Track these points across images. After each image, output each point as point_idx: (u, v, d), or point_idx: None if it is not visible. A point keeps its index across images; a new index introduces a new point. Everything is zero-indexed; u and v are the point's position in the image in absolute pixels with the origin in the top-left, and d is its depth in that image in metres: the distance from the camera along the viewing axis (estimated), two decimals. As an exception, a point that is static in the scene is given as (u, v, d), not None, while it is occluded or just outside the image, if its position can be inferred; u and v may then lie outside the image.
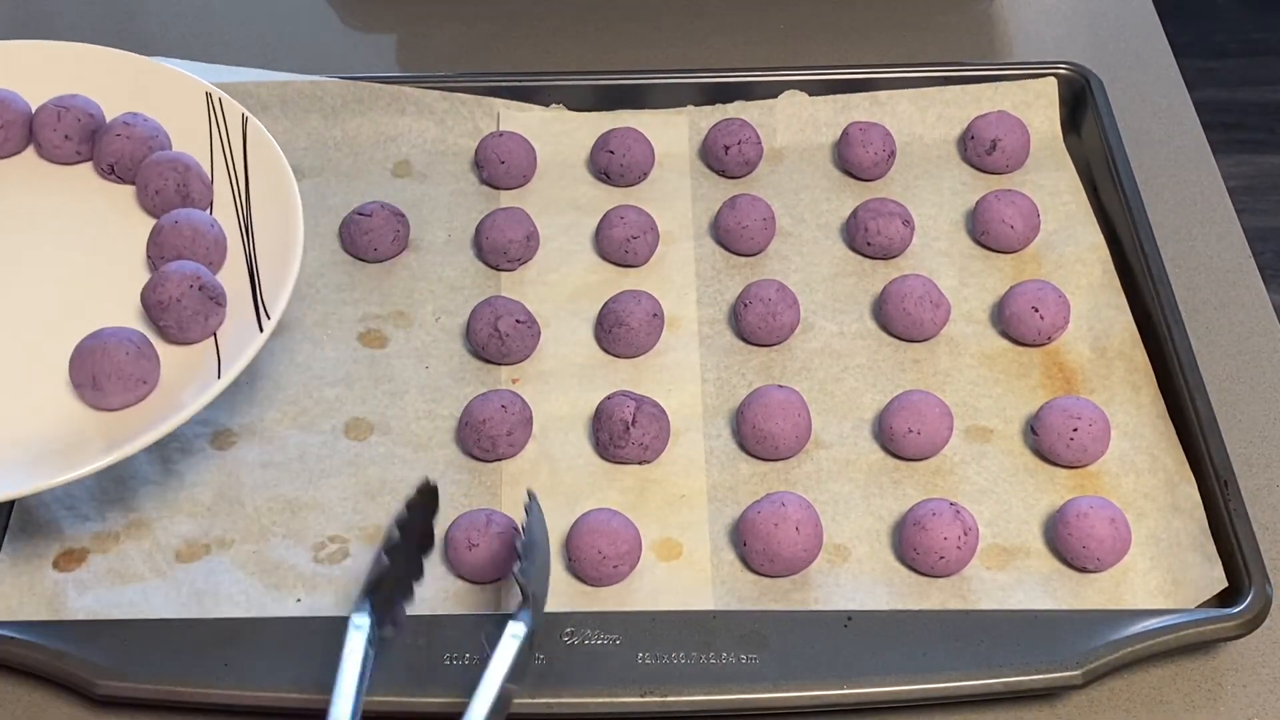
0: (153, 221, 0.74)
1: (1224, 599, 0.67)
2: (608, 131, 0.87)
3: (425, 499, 0.63)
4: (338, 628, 0.65)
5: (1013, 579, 0.69)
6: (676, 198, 0.87)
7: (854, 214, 0.83)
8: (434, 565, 0.68)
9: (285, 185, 0.73)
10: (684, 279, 0.82)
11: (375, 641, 0.59)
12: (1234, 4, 2.29)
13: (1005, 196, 0.83)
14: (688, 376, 0.77)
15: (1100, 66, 0.92)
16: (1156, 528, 0.70)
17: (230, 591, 0.68)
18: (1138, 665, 0.65)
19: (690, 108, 0.90)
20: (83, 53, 0.80)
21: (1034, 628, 0.65)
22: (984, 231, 0.83)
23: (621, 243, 0.82)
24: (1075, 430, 0.72)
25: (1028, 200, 0.83)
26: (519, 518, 0.71)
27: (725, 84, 0.90)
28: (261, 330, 0.68)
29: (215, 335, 0.69)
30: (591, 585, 0.68)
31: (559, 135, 0.89)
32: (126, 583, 0.68)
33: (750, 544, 0.68)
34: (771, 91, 0.90)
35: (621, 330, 0.77)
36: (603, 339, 0.78)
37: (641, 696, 0.63)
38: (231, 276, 0.72)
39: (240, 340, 0.68)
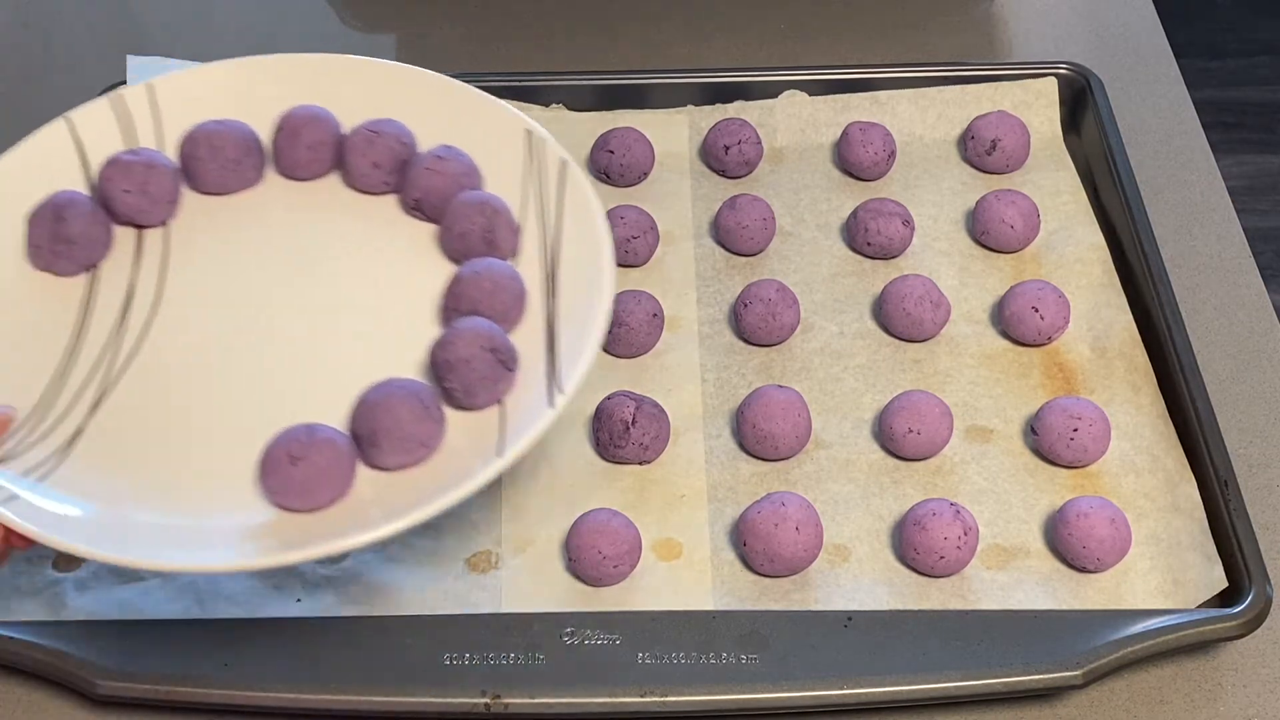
0: (451, 266, 0.67)
1: (1224, 599, 0.67)
2: (608, 131, 0.87)
3: None
4: (338, 628, 0.65)
5: (1013, 579, 0.69)
6: (676, 198, 0.87)
7: (854, 214, 0.83)
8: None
9: (598, 243, 0.65)
10: (684, 279, 0.82)
11: None
12: (1234, 4, 2.29)
13: (1005, 196, 0.83)
14: (688, 376, 0.77)
15: (1100, 66, 0.92)
16: (1157, 528, 0.70)
17: (230, 591, 0.68)
18: (1138, 665, 0.65)
19: (690, 108, 0.90)
20: (401, 74, 0.73)
21: (1034, 628, 0.65)
22: (984, 231, 0.83)
23: (621, 243, 0.82)
24: (1075, 430, 0.72)
25: (1028, 200, 0.83)
26: (518, 519, 0.71)
27: (725, 84, 0.90)
28: (552, 405, 0.60)
29: (502, 402, 0.62)
30: (591, 585, 0.68)
31: (559, 135, 0.88)
32: (126, 583, 0.68)
33: (750, 544, 0.68)
34: (771, 91, 0.90)
35: (621, 330, 0.77)
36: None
37: (641, 696, 0.63)
38: (527, 337, 0.64)
39: (528, 412, 0.61)
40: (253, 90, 0.72)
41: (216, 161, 0.70)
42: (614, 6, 1.02)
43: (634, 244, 0.82)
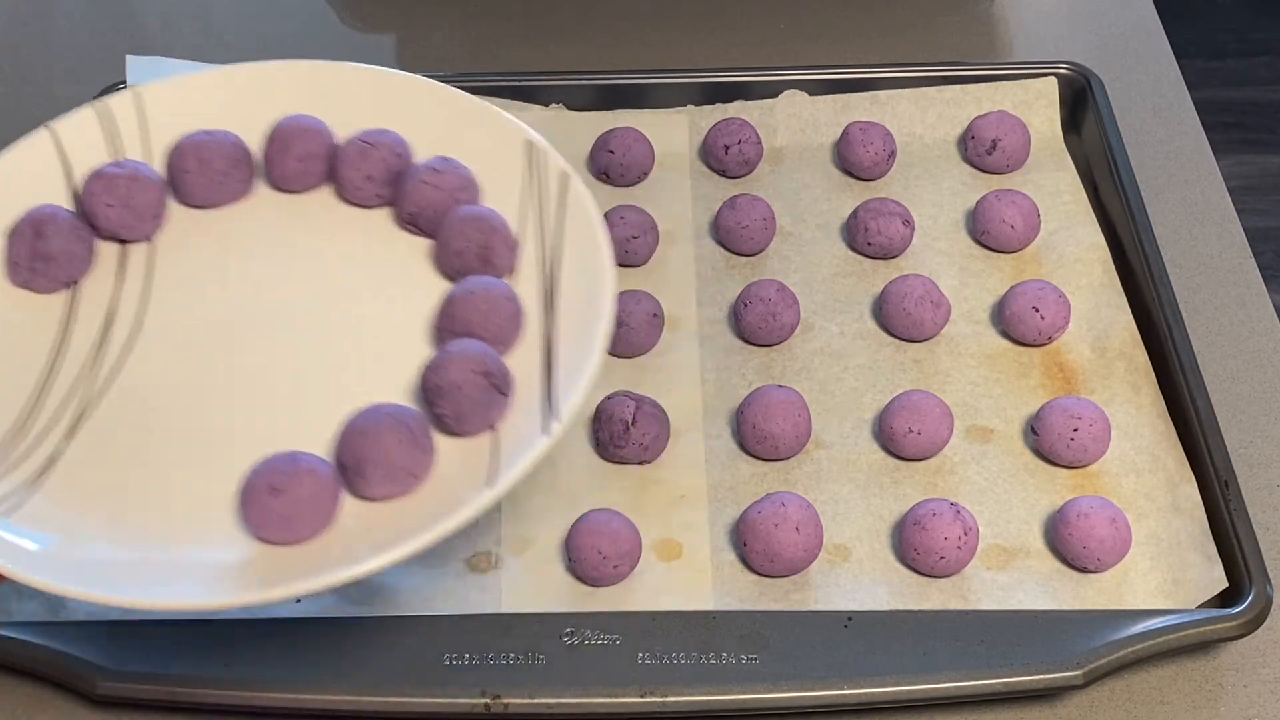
0: (445, 284, 0.65)
1: (1224, 599, 0.67)
2: (608, 131, 0.87)
3: None
4: (338, 628, 0.65)
5: (1013, 579, 0.69)
6: (676, 198, 0.86)
7: (854, 214, 0.83)
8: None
9: (599, 259, 0.62)
10: (684, 279, 0.82)
11: None
12: (1234, 4, 2.29)
13: (1005, 196, 0.83)
14: (688, 376, 0.77)
15: (1100, 66, 0.92)
16: (1157, 528, 0.70)
17: (230, 591, 0.67)
18: (1138, 665, 0.65)
19: (690, 108, 0.90)
20: (398, 82, 0.70)
21: (1034, 628, 0.65)
22: (984, 231, 0.83)
23: (621, 243, 0.82)
24: (1075, 430, 0.72)
25: (1028, 200, 0.83)
26: (518, 519, 0.71)
27: (725, 84, 0.90)
28: (547, 433, 0.57)
29: (495, 428, 0.60)
30: (591, 585, 0.68)
31: (559, 135, 0.88)
32: (126, 583, 0.68)
33: (750, 544, 0.68)
34: (771, 91, 0.90)
35: (621, 330, 0.77)
36: (603, 339, 0.78)
37: (641, 696, 0.63)
38: (523, 359, 0.62)
39: (522, 440, 0.58)
40: (244, 99, 0.70)
41: (204, 174, 0.67)
42: (614, 6, 1.02)
43: (634, 244, 0.82)
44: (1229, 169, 0.94)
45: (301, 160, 0.68)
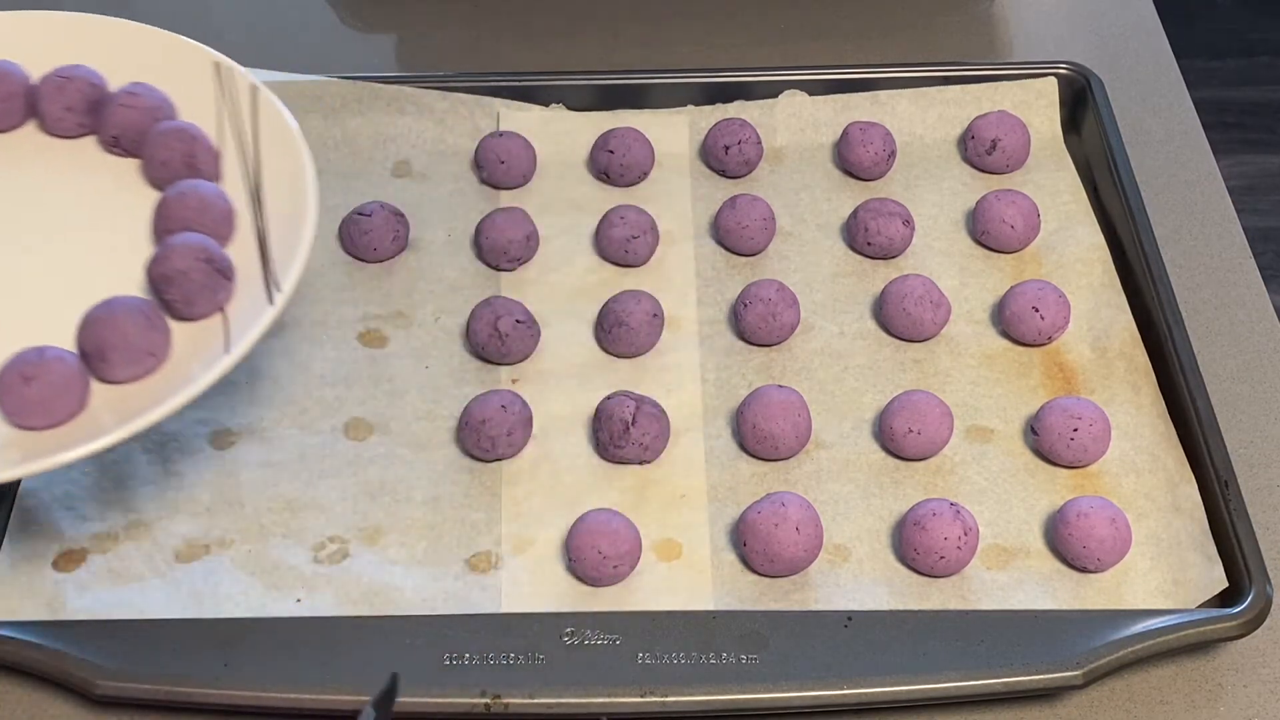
0: (158, 195, 0.71)
1: (1224, 599, 0.67)
2: (608, 131, 0.87)
3: (388, 694, 0.55)
4: (338, 628, 0.65)
5: (1013, 579, 0.69)
6: (676, 198, 0.86)
7: (854, 214, 0.83)
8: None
9: (297, 155, 0.70)
10: (684, 279, 0.82)
11: None
12: (1234, 4, 2.29)
13: (1005, 196, 0.83)
14: (688, 376, 0.77)
15: (1100, 66, 0.92)
16: (1157, 528, 0.70)
17: (230, 591, 0.68)
18: (1138, 665, 0.65)
19: (690, 108, 0.90)
20: (85, 23, 0.76)
21: (1034, 628, 0.65)
22: (984, 231, 0.83)
23: (621, 243, 0.82)
24: (1075, 430, 0.72)
25: (1028, 200, 0.83)
26: (518, 519, 0.71)
27: (725, 84, 0.90)
28: (272, 303, 0.64)
29: (224, 310, 0.66)
30: (591, 585, 0.68)
31: (559, 135, 0.89)
32: (126, 583, 0.68)
33: (750, 544, 0.68)
34: (771, 91, 0.90)
35: (621, 330, 0.77)
36: (603, 339, 0.78)
37: (641, 696, 0.63)
38: (241, 250, 0.68)
39: (250, 314, 0.65)
40: None
41: None
42: (614, 6, 1.02)
43: (634, 244, 0.82)
44: (1229, 169, 0.94)
45: (2, 101, 0.74)
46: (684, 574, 0.69)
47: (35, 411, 0.62)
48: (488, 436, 0.72)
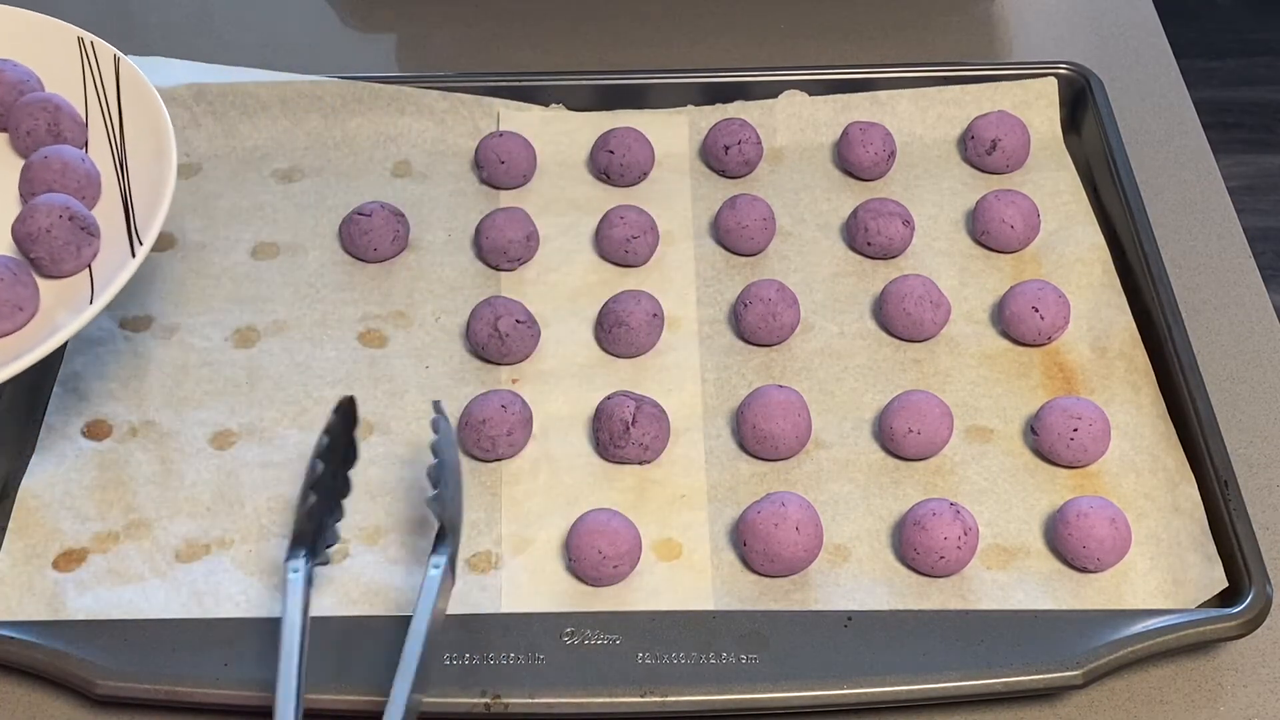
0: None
1: (1224, 599, 0.67)
2: (608, 131, 0.87)
3: (343, 415, 0.65)
4: (338, 628, 0.65)
5: (1013, 579, 0.69)
6: (676, 198, 0.86)
7: (854, 214, 0.83)
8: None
9: (159, 120, 0.73)
10: (684, 279, 0.82)
11: (311, 574, 0.63)
12: (1234, 4, 2.29)
13: (1005, 196, 0.83)
14: (688, 376, 0.77)
15: (1100, 66, 0.92)
16: (1157, 528, 0.70)
17: (230, 591, 0.68)
18: (1138, 665, 0.65)
19: (690, 108, 0.90)
20: None
21: (1034, 628, 0.65)
22: (984, 231, 0.83)
23: (621, 243, 0.82)
24: (1075, 430, 0.72)
25: (1028, 200, 0.83)
26: (518, 519, 0.71)
27: (725, 84, 0.90)
28: (134, 255, 0.68)
29: (90, 267, 0.70)
30: (591, 585, 0.68)
31: (559, 135, 0.89)
32: (126, 583, 0.68)
33: (750, 544, 0.68)
34: (771, 91, 0.90)
35: (621, 330, 0.77)
36: (603, 339, 0.78)
37: (641, 696, 0.63)
38: (107, 210, 0.72)
39: (114, 269, 0.68)
40: None
41: None
42: (614, 6, 1.02)
43: (634, 244, 0.82)
44: (1229, 169, 0.94)
45: None
46: (684, 574, 0.69)
47: None
48: (488, 437, 0.72)
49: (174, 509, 0.71)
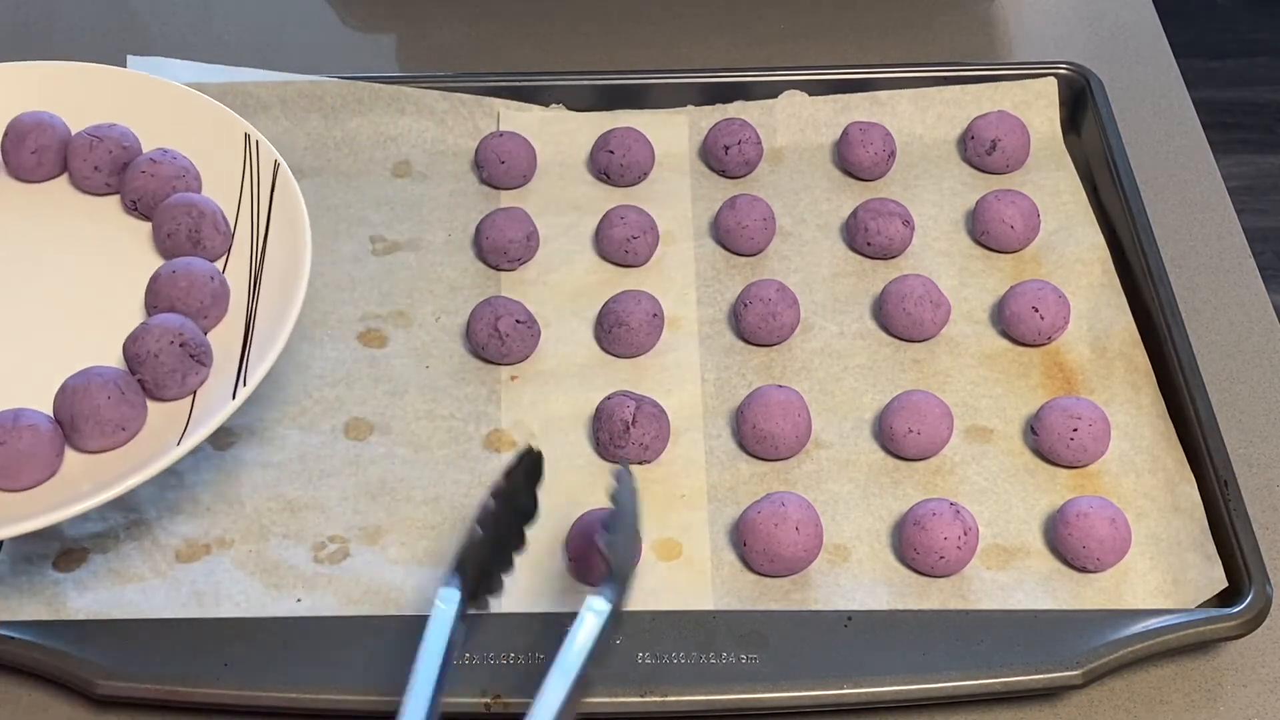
0: (164, 262, 0.72)
1: (1224, 599, 0.67)
2: (608, 131, 0.87)
3: (526, 465, 0.63)
4: (338, 628, 0.65)
5: (1013, 579, 0.69)
6: (676, 198, 0.87)
7: (854, 214, 0.83)
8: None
9: (299, 246, 0.71)
10: (684, 279, 0.82)
11: (465, 617, 0.58)
12: (1234, 4, 2.29)
13: (1005, 196, 0.83)
14: (688, 376, 0.77)
15: (1100, 66, 0.92)
16: (1156, 528, 0.70)
17: (230, 591, 0.68)
18: (1138, 665, 0.65)
19: (690, 108, 0.90)
20: (127, 79, 0.79)
21: (1034, 628, 0.65)
22: (984, 231, 0.83)
23: (621, 243, 0.82)
24: (1075, 430, 0.72)
25: (1028, 200, 0.83)
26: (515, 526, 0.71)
27: (725, 84, 0.90)
28: (234, 397, 0.66)
29: (195, 394, 0.68)
30: (591, 585, 0.68)
31: (559, 135, 0.89)
32: (126, 583, 0.68)
33: (750, 544, 0.68)
34: (771, 91, 0.90)
35: (621, 330, 0.77)
36: (603, 339, 0.78)
37: (641, 696, 0.63)
38: (227, 332, 0.70)
39: (213, 404, 0.67)
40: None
41: None
42: (614, 6, 1.02)
43: (634, 244, 0.82)
44: (1229, 169, 0.94)
45: (35, 153, 0.77)
46: (684, 574, 0.69)
47: (3, 474, 0.64)
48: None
49: (174, 509, 0.71)
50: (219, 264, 0.73)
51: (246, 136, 0.76)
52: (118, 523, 0.70)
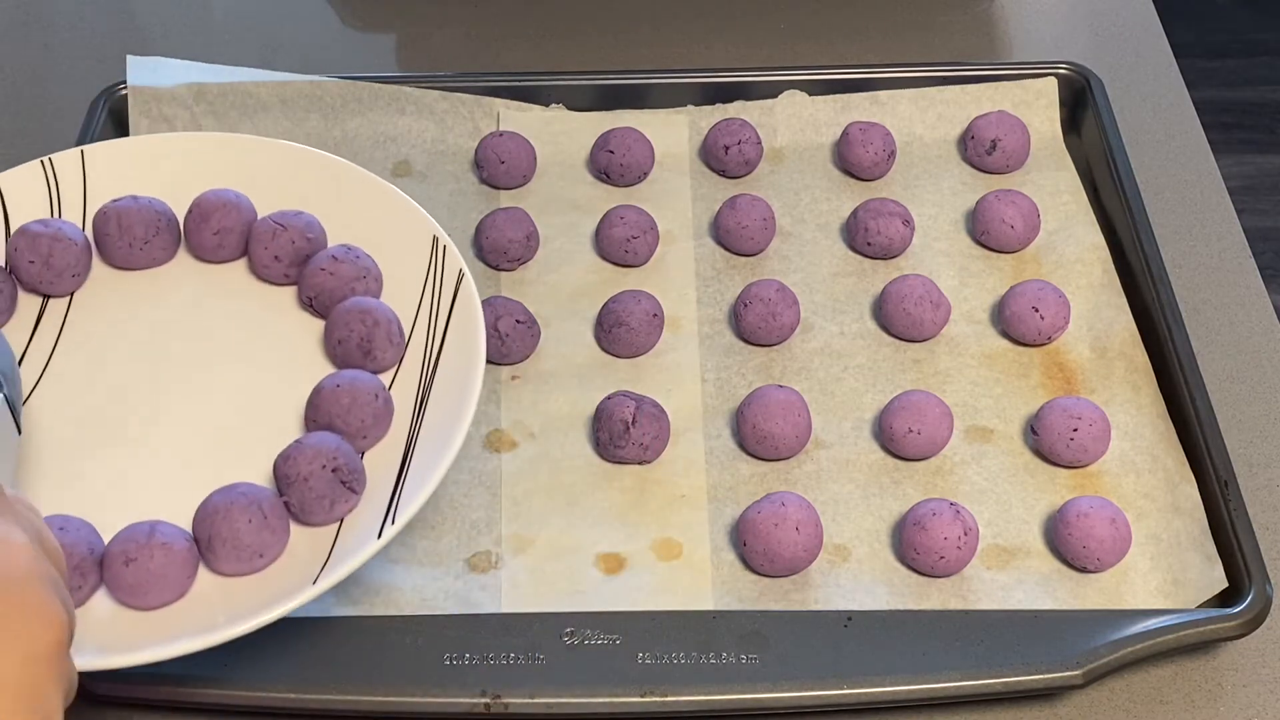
0: (330, 370, 0.68)
1: (1224, 599, 0.67)
2: (608, 131, 0.87)
3: None
4: (338, 627, 0.65)
5: (1013, 579, 0.69)
6: (676, 198, 0.86)
7: (854, 214, 0.83)
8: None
9: (472, 366, 0.65)
10: (684, 279, 0.82)
11: None
12: (1234, 4, 2.29)
13: (1005, 196, 0.83)
14: (688, 376, 0.77)
15: (1100, 66, 0.92)
16: (1157, 528, 0.70)
17: (230, 591, 0.67)
18: (1138, 665, 0.65)
19: (690, 108, 0.90)
20: (322, 163, 0.74)
21: (1034, 628, 0.65)
22: (984, 231, 0.83)
23: (621, 243, 0.82)
24: (1075, 430, 0.72)
25: (1028, 200, 0.83)
26: (518, 519, 0.71)
27: (725, 84, 0.90)
28: (379, 536, 0.60)
29: (343, 520, 0.63)
30: (591, 585, 0.68)
31: (559, 135, 0.89)
32: (126, 583, 0.68)
33: (750, 544, 0.68)
34: (771, 91, 0.90)
35: (621, 330, 0.77)
36: (603, 339, 0.78)
37: (641, 696, 0.63)
38: (384, 454, 0.64)
39: (357, 539, 0.61)
40: (184, 166, 0.74)
41: (124, 240, 0.72)
42: (614, 6, 1.02)
43: (634, 244, 0.82)
44: (1229, 169, 0.94)
45: (217, 234, 0.72)
46: (684, 574, 0.69)
47: (131, 593, 0.60)
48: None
49: (174, 509, 0.71)
50: (387, 377, 0.68)
51: (435, 240, 0.70)
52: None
